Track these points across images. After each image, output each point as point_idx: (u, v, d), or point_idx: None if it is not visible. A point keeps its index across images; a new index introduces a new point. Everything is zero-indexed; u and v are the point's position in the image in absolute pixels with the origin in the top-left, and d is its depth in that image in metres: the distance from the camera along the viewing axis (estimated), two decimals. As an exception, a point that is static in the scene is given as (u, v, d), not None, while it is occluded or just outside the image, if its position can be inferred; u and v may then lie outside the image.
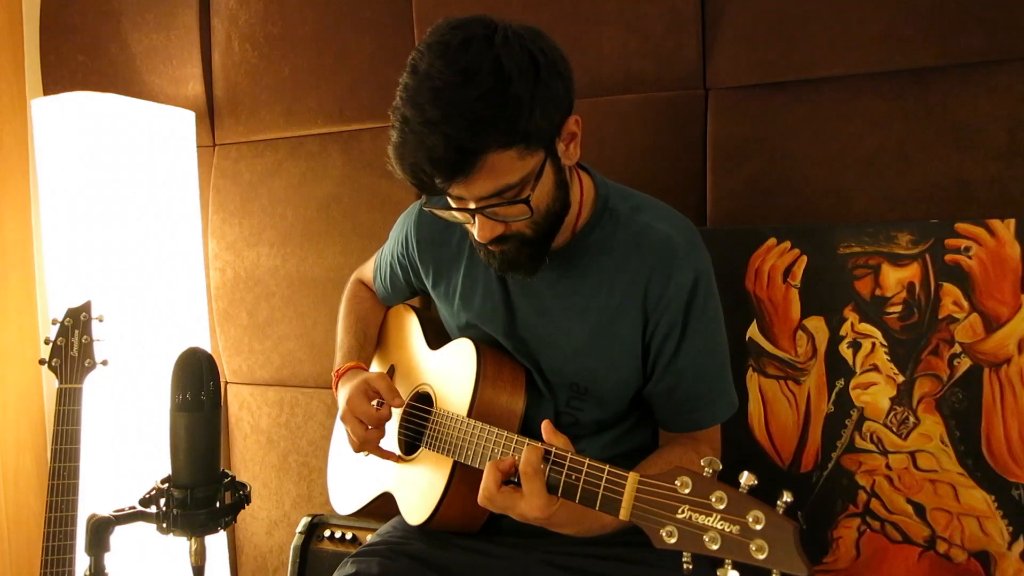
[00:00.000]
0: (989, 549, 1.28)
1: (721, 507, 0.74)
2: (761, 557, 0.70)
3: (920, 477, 1.32)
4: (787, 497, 0.72)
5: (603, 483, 0.85)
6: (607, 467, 0.85)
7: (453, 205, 1.02)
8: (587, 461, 0.88)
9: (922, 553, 1.32)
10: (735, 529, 0.73)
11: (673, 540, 0.76)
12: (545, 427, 0.94)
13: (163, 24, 1.97)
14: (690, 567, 0.77)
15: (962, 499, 1.29)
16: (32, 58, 2.08)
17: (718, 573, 0.74)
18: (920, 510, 1.32)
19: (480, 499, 0.95)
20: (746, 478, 0.74)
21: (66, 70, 2.07)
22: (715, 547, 0.73)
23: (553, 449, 0.91)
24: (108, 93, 1.72)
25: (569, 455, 0.90)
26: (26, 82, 2.05)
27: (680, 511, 0.77)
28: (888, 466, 1.33)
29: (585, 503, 0.87)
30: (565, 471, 0.89)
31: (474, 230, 1.01)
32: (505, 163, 0.93)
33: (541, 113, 0.93)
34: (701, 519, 0.75)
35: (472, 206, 0.98)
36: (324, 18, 1.82)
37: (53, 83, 2.08)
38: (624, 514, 0.82)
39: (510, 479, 0.95)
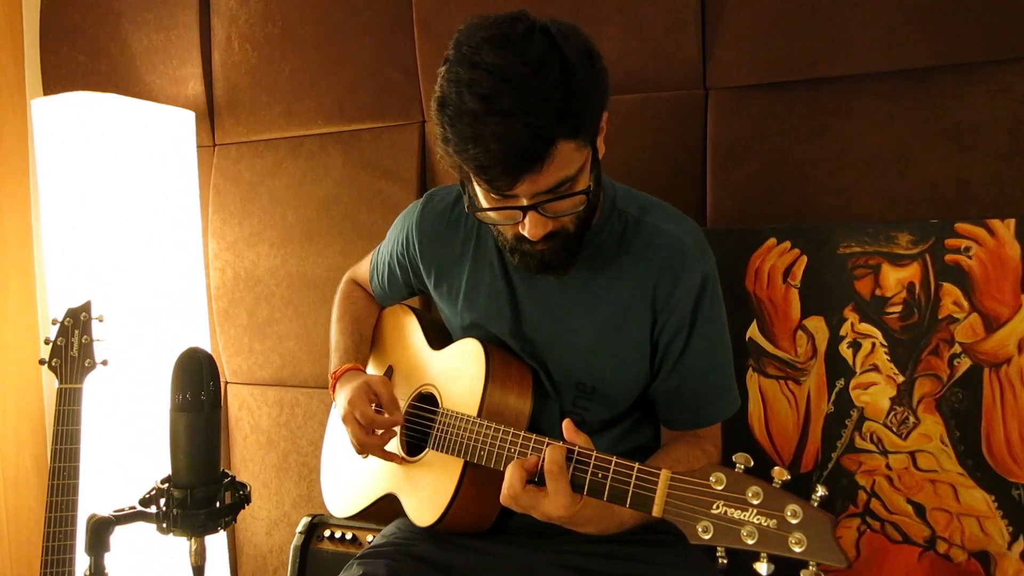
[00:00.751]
0: (989, 549, 1.28)
1: (757, 502, 0.75)
2: (800, 550, 0.72)
3: (920, 477, 1.32)
4: (821, 491, 0.74)
5: (633, 481, 0.85)
6: (636, 464, 0.86)
7: (485, 204, 1.01)
8: (614, 459, 0.88)
9: (922, 553, 1.32)
10: (772, 523, 0.74)
11: (709, 536, 0.77)
12: (566, 426, 0.94)
13: (163, 24, 1.97)
14: (725, 561, 0.78)
15: (962, 499, 1.29)
16: (32, 58, 2.08)
17: (754, 566, 0.75)
18: (920, 510, 1.32)
19: (503, 498, 0.95)
20: (778, 473, 0.76)
21: (66, 70, 2.07)
22: (752, 541, 0.74)
23: (576, 448, 0.91)
24: (108, 93, 1.72)
25: (594, 454, 0.90)
26: (26, 82, 2.06)
27: (715, 507, 0.78)
28: (888, 466, 1.33)
29: (614, 501, 0.87)
30: (591, 469, 0.90)
31: (522, 230, 1.00)
32: (568, 154, 0.93)
33: (597, 104, 0.95)
34: (737, 514, 0.76)
35: (524, 203, 0.97)
36: (324, 18, 1.82)
37: (53, 83, 2.08)
38: (657, 511, 0.82)
39: (531, 479, 0.95)
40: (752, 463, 0.78)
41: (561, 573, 1.09)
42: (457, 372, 1.20)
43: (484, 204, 1.02)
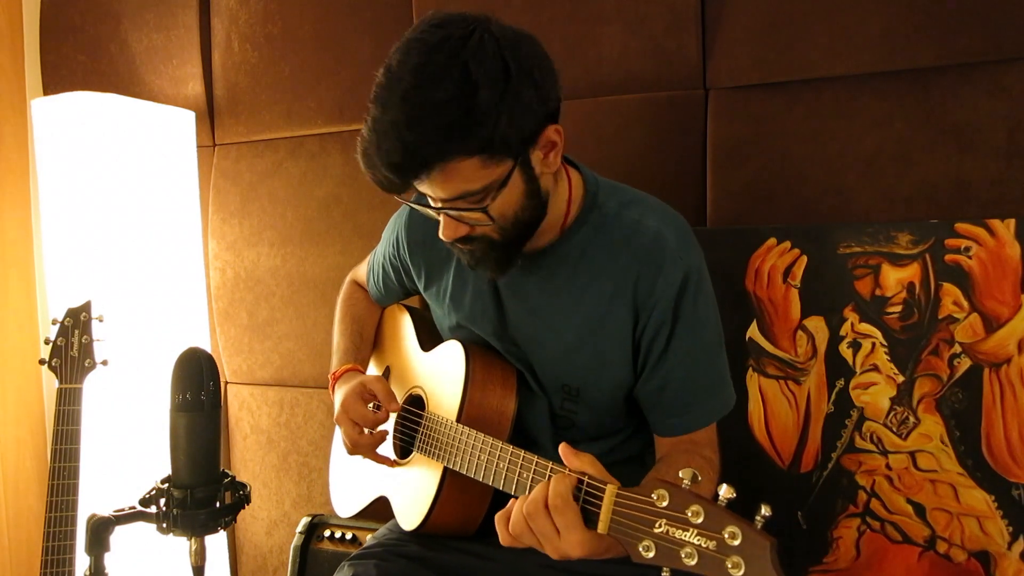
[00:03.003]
0: (989, 549, 1.28)
1: (698, 521, 0.72)
2: (738, 574, 0.68)
3: (920, 477, 1.32)
4: (765, 511, 0.70)
5: (582, 496, 0.83)
6: (586, 478, 0.83)
7: (428, 200, 1.03)
8: (586, 477, 0.84)
9: (922, 553, 1.32)
10: (712, 545, 0.70)
11: (651, 555, 0.74)
12: (563, 450, 0.87)
13: (163, 24, 1.97)
14: None
15: (962, 499, 1.29)
16: (32, 58, 2.08)
17: None
18: (920, 510, 1.32)
19: (504, 540, 0.88)
20: (724, 490, 0.72)
21: (66, 70, 2.07)
22: (692, 563, 0.71)
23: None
24: (108, 93, 1.72)
25: (550, 465, 0.89)
26: (26, 82, 2.05)
27: (657, 525, 0.74)
28: (888, 466, 1.33)
29: None
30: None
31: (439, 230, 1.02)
32: (466, 170, 0.92)
33: (508, 122, 0.91)
34: (678, 534, 0.73)
35: (434, 204, 1.00)
36: (324, 18, 1.82)
37: (53, 83, 2.08)
38: (602, 527, 0.79)
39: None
40: (700, 479, 0.75)
41: (551, 573, 1.09)
42: (441, 375, 1.20)
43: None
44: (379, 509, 1.30)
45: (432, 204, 1.01)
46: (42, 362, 1.43)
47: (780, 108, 1.44)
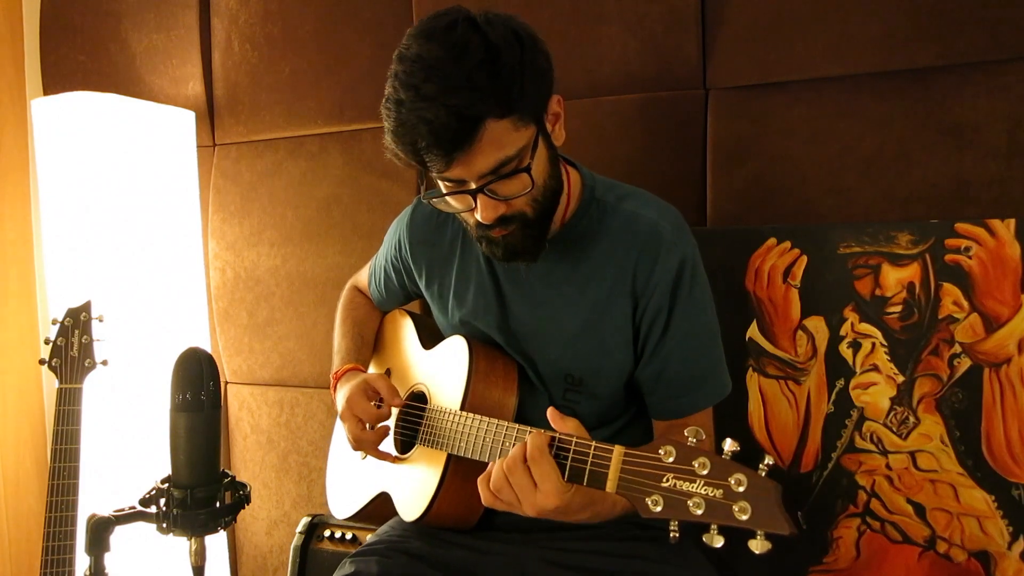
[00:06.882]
0: (989, 549, 1.28)
1: (704, 472, 0.75)
2: (744, 518, 0.71)
3: (920, 477, 1.32)
4: (768, 460, 0.73)
5: (590, 459, 0.86)
6: (593, 443, 0.86)
7: (444, 191, 1.04)
8: (575, 438, 0.88)
9: (922, 553, 1.32)
10: (718, 493, 0.73)
11: (659, 509, 0.77)
12: (551, 413, 0.93)
13: (163, 24, 1.97)
14: (676, 535, 0.77)
15: (962, 499, 1.29)
16: (32, 58, 2.08)
17: (704, 539, 0.74)
18: (920, 510, 1.32)
19: (485, 498, 0.93)
20: (729, 444, 0.75)
21: (66, 70, 2.07)
22: (699, 512, 0.74)
23: (558, 435, 0.90)
24: (108, 93, 1.72)
25: (558, 435, 0.91)
26: (26, 82, 2.06)
27: (665, 479, 0.77)
28: (888, 466, 1.33)
29: (573, 480, 0.88)
30: (554, 451, 0.90)
31: (476, 214, 1.02)
32: (502, 133, 0.95)
33: (530, 83, 0.96)
34: (685, 486, 0.76)
35: (472, 186, 0.99)
36: (324, 18, 1.82)
37: (53, 83, 2.08)
38: (611, 487, 0.82)
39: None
40: (704, 436, 0.78)
41: (552, 570, 1.10)
42: (444, 369, 1.22)
43: (442, 191, 1.04)
44: (377, 510, 1.30)
45: (468, 187, 0.99)
46: (42, 362, 1.43)
47: (780, 108, 1.44)
